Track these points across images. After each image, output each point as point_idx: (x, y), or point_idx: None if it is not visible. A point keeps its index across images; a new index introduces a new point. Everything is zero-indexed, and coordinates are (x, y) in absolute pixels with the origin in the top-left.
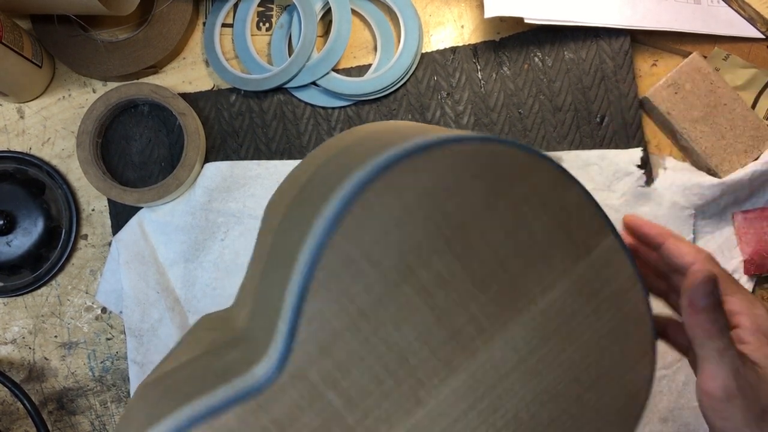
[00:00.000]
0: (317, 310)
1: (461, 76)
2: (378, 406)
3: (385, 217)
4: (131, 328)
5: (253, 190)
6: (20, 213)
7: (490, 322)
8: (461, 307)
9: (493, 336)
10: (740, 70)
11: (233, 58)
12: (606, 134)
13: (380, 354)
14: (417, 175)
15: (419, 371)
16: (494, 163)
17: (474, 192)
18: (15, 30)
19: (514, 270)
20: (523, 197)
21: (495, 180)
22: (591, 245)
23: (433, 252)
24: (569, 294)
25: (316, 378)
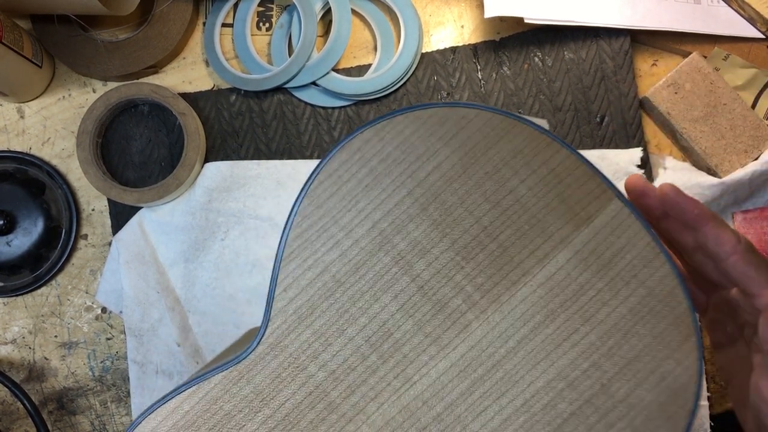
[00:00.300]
0: (292, 277)
1: (461, 76)
2: (364, 383)
3: (353, 185)
4: (131, 328)
5: (253, 190)
6: (20, 213)
7: (480, 294)
8: (445, 278)
9: (486, 310)
10: (740, 70)
11: (233, 58)
12: (606, 134)
13: (361, 326)
14: (382, 142)
15: (405, 347)
16: (465, 127)
17: (446, 157)
18: (15, 30)
19: (503, 238)
20: (502, 160)
21: (467, 143)
22: (593, 211)
23: (408, 219)
24: (573, 265)
25: (295, 348)
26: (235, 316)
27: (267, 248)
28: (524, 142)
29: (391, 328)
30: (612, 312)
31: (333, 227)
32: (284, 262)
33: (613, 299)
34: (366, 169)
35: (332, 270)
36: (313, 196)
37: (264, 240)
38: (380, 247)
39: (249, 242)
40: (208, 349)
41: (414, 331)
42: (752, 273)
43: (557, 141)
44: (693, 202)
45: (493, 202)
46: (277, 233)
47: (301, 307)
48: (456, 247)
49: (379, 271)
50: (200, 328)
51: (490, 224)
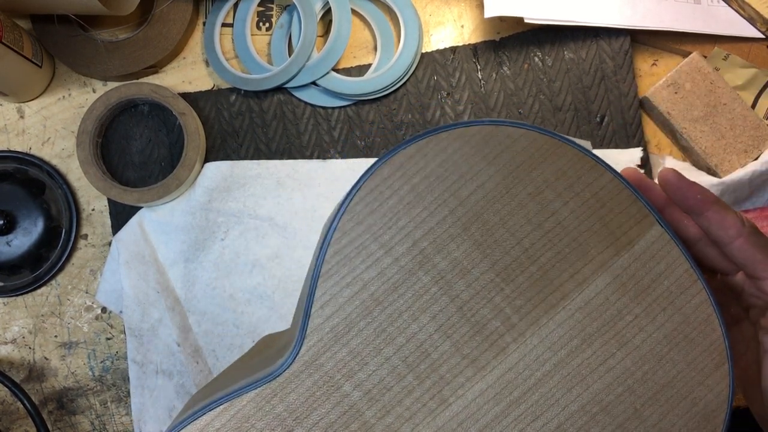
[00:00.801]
0: (330, 294)
1: (461, 75)
2: (399, 403)
3: (395, 202)
4: (131, 328)
5: (253, 189)
6: (20, 213)
7: (519, 317)
8: (485, 299)
9: (525, 333)
10: (740, 69)
11: (233, 58)
12: (606, 134)
13: (398, 345)
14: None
15: (442, 367)
16: (510, 147)
17: (489, 176)
18: (15, 30)
19: (543, 260)
20: (545, 182)
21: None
22: (633, 236)
23: (449, 238)
24: (612, 290)
25: (330, 366)
26: (235, 316)
27: (267, 248)
28: (568, 163)
29: (429, 348)
30: (648, 338)
31: (372, 244)
32: (322, 279)
33: (650, 325)
34: (408, 186)
35: (371, 288)
36: (353, 212)
37: (264, 240)
38: (420, 266)
39: (249, 242)
40: (208, 349)
41: (452, 352)
42: (758, 256)
43: (601, 164)
44: (695, 186)
45: (534, 224)
46: (277, 233)
47: (338, 325)
48: (496, 269)
49: (418, 290)
50: (200, 328)
51: (531, 246)
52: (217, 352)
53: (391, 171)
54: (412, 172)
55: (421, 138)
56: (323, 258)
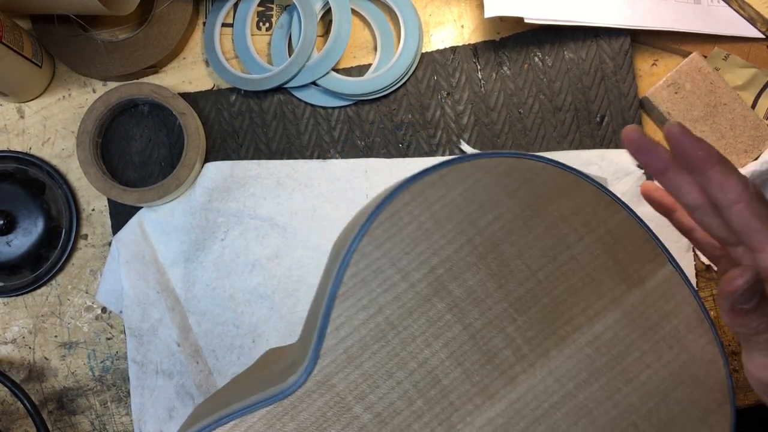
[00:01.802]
0: (345, 316)
1: (461, 75)
2: (408, 427)
3: (414, 228)
4: (131, 328)
5: (253, 189)
6: (20, 213)
7: (530, 347)
8: (497, 328)
9: (534, 364)
10: (740, 70)
11: (233, 58)
12: (606, 134)
13: (410, 370)
14: (446, 187)
15: (452, 394)
16: (530, 180)
17: (508, 208)
18: (15, 30)
19: (556, 293)
20: (562, 216)
21: (530, 197)
22: (645, 274)
23: (466, 267)
24: (621, 326)
25: (342, 387)
26: (235, 316)
27: (267, 248)
28: (586, 200)
29: (440, 374)
30: (654, 375)
31: (390, 269)
32: (338, 300)
33: (656, 362)
34: (428, 213)
35: (386, 312)
36: (373, 235)
37: (264, 240)
38: (436, 293)
39: (249, 242)
40: (208, 349)
41: (462, 379)
42: (755, 224)
43: (617, 201)
44: (699, 142)
45: (550, 257)
46: (277, 233)
47: (352, 346)
48: (510, 299)
49: (432, 316)
50: (200, 328)
51: (545, 279)
52: (217, 352)
53: (412, 197)
54: (432, 199)
55: (443, 167)
56: (341, 279)
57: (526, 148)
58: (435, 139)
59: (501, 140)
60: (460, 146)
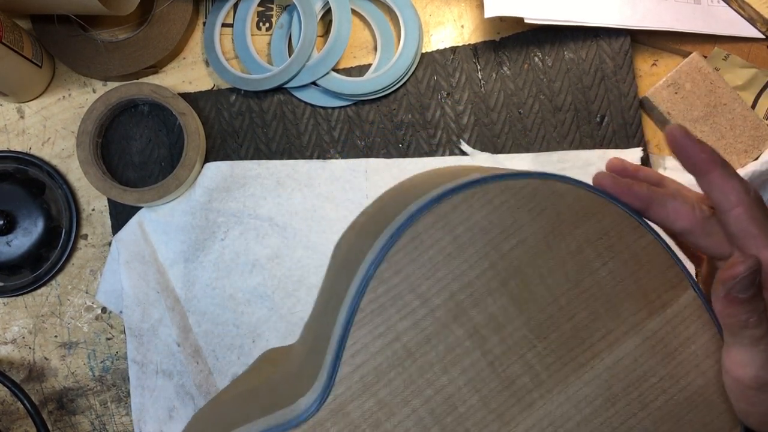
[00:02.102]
0: (362, 343)
1: (461, 76)
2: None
3: (435, 252)
4: (131, 328)
5: (253, 190)
6: (20, 213)
7: (548, 374)
8: (516, 355)
9: (552, 390)
10: (740, 70)
11: (233, 58)
12: (606, 134)
13: (427, 398)
14: (470, 210)
15: (468, 421)
16: (555, 202)
17: (533, 231)
18: (15, 30)
19: (577, 319)
20: (587, 240)
21: (556, 220)
22: (667, 300)
23: (487, 292)
24: (641, 352)
25: (357, 416)
26: (235, 316)
27: (267, 248)
28: (612, 223)
29: (457, 401)
30: (670, 399)
31: (409, 295)
32: (355, 327)
33: (673, 387)
34: (450, 236)
35: (404, 339)
36: (392, 261)
37: (264, 240)
38: (455, 319)
39: (249, 242)
40: (208, 349)
41: (479, 406)
42: (754, 229)
43: (643, 225)
44: (701, 145)
45: (572, 282)
46: (277, 233)
47: (367, 374)
48: (531, 325)
49: (451, 343)
50: (200, 328)
51: (567, 304)
52: (217, 352)
53: (435, 220)
54: (456, 222)
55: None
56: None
57: (526, 148)
58: (435, 139)
59: (501, 140)
60: (460, 146)
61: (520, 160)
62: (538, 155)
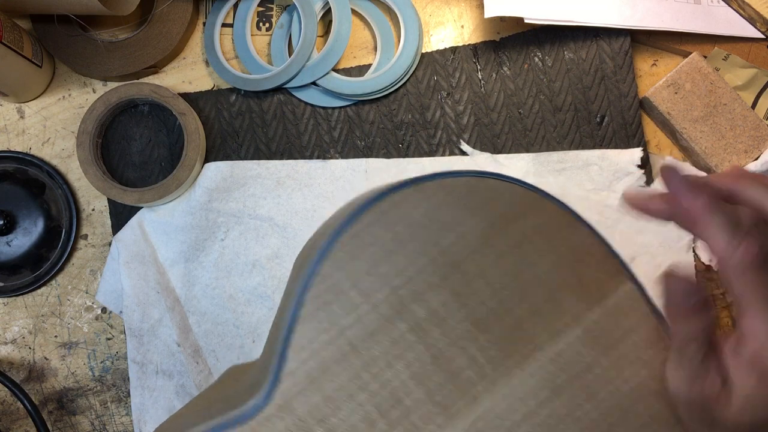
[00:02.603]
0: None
1: (461, 76)
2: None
3: (376, 249)
4: (131, 328)
5: (253, 190)
6: (20, 213)
7: (492, 366)
8: (460, 349)
9: (496, 382)
10: (740, 70)
11: (233, 58)
12: (606, 134)
13: (372, 392)
14: (409, 207)
15: (414, 414)
16: (492, 199)
17: (471, 227)
18: (15, 30)
19: (518, 312)
20: (524, 235)
21: (493, 216)
22: (606, 291)
23: (428, 287)
24: (582, 343)
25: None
26: (235, 316)
27: (267, 248)
28: (548, 218)
29: (402, 395)
30: (615, 391)
31: (352, 291)
32: (299, 323)
33: (617, 378)
34: (390, 233)
35: (348, 334)
36: (334, 258)
37: (264, 240)
38: (398, 314)
39: (249, 242)
40: (208, 350)
41: (424, 399)
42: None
43: (579, 220)
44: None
45: (512, 276)
46: (277, 233)
47: (313, 369)
48: (472, 319)
49: (394, 337)
50: (200, 328)
51: (508, 298)
52: (217, 353)
53: (375, 218)
54: (395, 219)
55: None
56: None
57: (526, 148)
58: (435, 139)
59: (501, 140)
60: (460, 146)
61: (519, 160)
62: (538, 155)
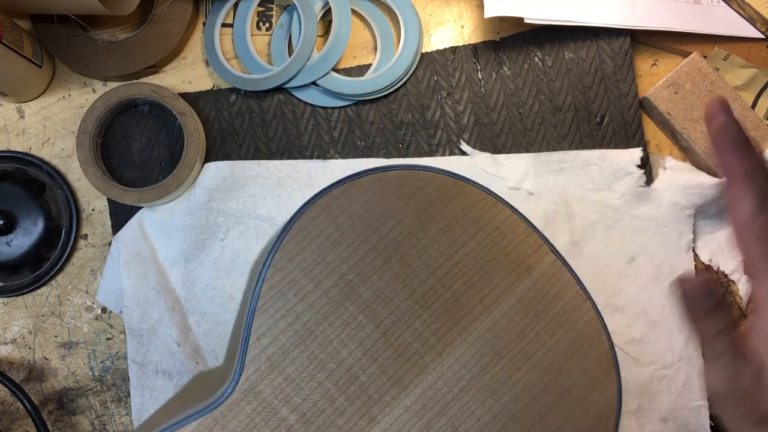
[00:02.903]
0: (266, 326)
1: (461, 75)
2: (332, 423)
3: (322, 240)
4: (131, 328)
5: (253, 190)
6: (20, 213)
7: (436, 339)
8: (405, 324)
9: (441, 353)
10: (740, 70)
11: (233, 58)
12: (606, 134)
13: (330, 370)
14: (348, 201)
15: (370, 388)
16: (421, 189)
17: (406, 214)
18: (15, 30)
19: (455, 287)
20: (454, 218)
21: (424, 203)
22: (531, 263)
23: (372, 271)
24: (515, 311)
25: (268, 393)
26: (235, 316)
27: None
28: (473, 202)
29: (358, 371)
30: (548, 352)
31: (303, 279)
32: (258, 312)
33: (549, 341)
34: (333, 225)
35: (303, 319)
36: (285, 249)
37: (264, 240)
38: (347, 297)
39: (249, 242)
40: (208, 349)
41: (378, 373)
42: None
43: (501, 201)
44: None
45: (446, 256)
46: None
47: (273, 354)
48: (415, 296)
49: (346, 319)
50: (200, 328)
51: (444, 275)
52: (217, 352)
53: (319, 212)
54: (336, 212)
55: (344, 182)
56: (259, 293)
57: (526, 148)
58: (435, 139)
59: (501, 140)
60: (460, 146)
61: (519, 160)
62: (538, 155)
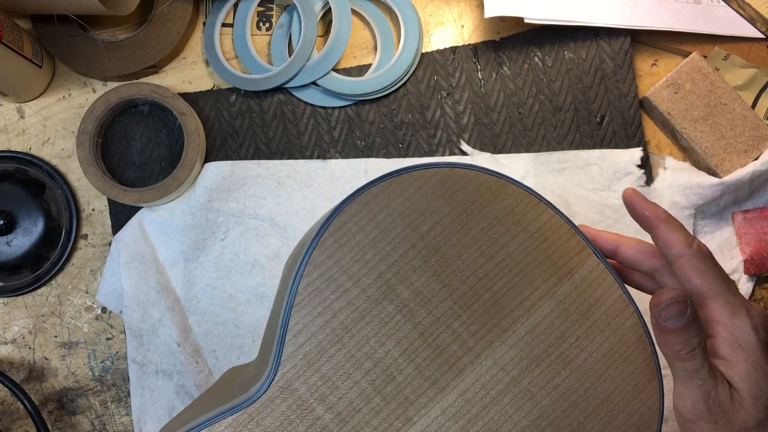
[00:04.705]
0: (303, 324)
1: (461, 75)
2: (368, 423)
3: (361, 237)
4: (131, 328)
5: (253, 190)
6: (20, 213)
7: (475, 340)
8: (444, 325)
9: (480, 355)
10: (740, 70)
11: (233, 58)
12: (606, 134)
13: (366, 370)
14: (388, 198)
15: (407, 389)
16: (463, 187)
17: (446, 213)
18: (15, 30)
19: (495, 289)
20: (496, 218)
21: (466, 202)
22: (573, 266)
23: (411, 270)
24: (556, 315)
25: (303, 391)
26: (235, 316)
27: (267, 248)
28: (515, 201)
29: (394, 371)
30: (589, 357)
31: (341, 276)
32: (295, 309)
33: (590, 345)
34: (373, 222)
35: (340, 317)
36: (323, 246)
37: (264, 240)
38: (385, 296)
39: (249, 242)
40: (208, 349)
41: (415, 374)
42: (696, 280)
43: (544, 201)
44: (647, 204)
45: (487, 256)
46: (277, 233)
47: (310, 352)
48: (454, 297)
49: (383, 318)
50: (200, 328)
51: (484, 276)
52: (217, 352)
53: (358, 209)
54: (377, 209)
55: (384, 179)
56: (296, 290)
57: (526, 148)
58: (435, 139)
59: (501, 140)
60: (460, 146)
61: (519, 159)
62: (538, 155)
